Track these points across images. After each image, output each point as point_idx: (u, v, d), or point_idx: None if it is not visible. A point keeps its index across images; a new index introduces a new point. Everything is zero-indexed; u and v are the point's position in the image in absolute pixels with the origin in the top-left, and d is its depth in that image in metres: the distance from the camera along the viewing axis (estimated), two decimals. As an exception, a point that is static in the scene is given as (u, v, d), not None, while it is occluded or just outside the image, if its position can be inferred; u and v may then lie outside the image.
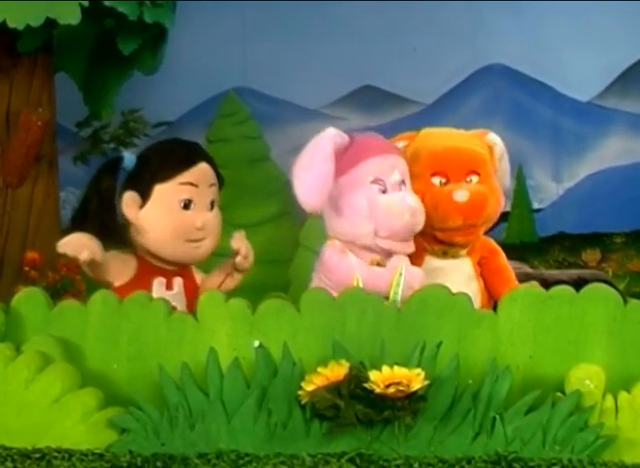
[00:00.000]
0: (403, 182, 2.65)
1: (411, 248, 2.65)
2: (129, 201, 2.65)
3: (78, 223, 2.66)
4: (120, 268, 2.66)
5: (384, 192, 2.61)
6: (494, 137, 2.87)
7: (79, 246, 2.55)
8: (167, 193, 2.66)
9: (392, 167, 2.64)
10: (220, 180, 2.77)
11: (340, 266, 2.61)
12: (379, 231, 2.59)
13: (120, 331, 2.50)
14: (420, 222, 2.63)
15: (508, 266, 2.89)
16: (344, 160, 2.61)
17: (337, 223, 2.64)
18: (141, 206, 2.65)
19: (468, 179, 2.77)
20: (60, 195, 3.63)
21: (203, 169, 2.70)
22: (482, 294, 2.82)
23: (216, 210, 2.74)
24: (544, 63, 4.30)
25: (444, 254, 2.80)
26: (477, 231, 2.80)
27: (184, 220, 2.66)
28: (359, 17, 4.33)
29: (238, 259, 2.72)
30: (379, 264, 2.63)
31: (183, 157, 2.70)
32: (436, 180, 2.76)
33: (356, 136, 2.67)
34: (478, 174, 2.77)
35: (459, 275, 2.77)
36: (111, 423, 2.40)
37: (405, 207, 2.60)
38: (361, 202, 2.60)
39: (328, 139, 2.59)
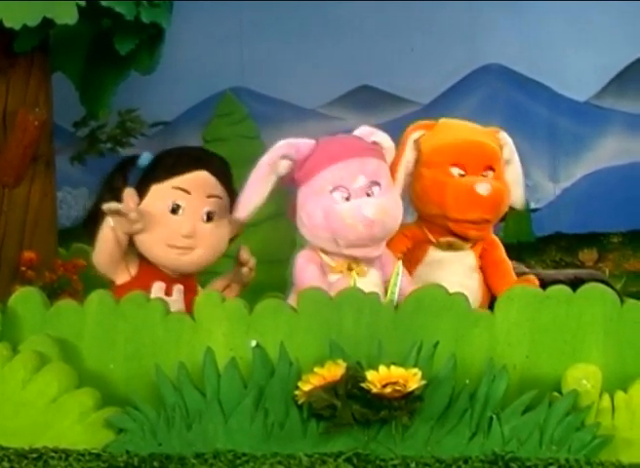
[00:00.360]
0: (375, 184, 2.57)
1: (376, 251, 2.57)
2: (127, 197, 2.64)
3: (91, 221, 2.67)
4: (123, 266, 2.67)
5: (348, 199, 2.55)
6: (505, 137, 2.86)
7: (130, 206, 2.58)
8: (159, 194, 2.66)
9: (355, 172, 2.56)
10: (232, 195, 2.72)
11: (304, 280, 2.57)
12: (337, 240, 2.55)
13: (117, 330, 2.50)
14: (383, 230, 2.55)
15: (506, 259, 2.88)
16: (305, 168, 2.59)
17: (302, 233, 2.62)
18: (138, 203, 2.64)
19: (485, 174, 2.76)
20: (56, 195, 3.61)
21: (200, 176, 2.68)
22: (484, 286, 2.82)
23: (216, 223, 2.69)
24: (542, 63, 4.30)
25: (449, 248, 2.80)
26: (489, 227, 2.81)
27: (169, 225, 2.64)
28: (357, 16, 4.32)
29: (245, 270, 2.79)
30: (350, 269, 2.58)
31: (183, 162, 2.68)
32: (455, 171, 2.75)
33: (322, 141, 2.63)
34: (494, 169, 2.78)
35: (461, 266, 2.78)
36: (108, 423, 2.40)
37: (359, 218, 2.51)
38: (317, 212, 2.56)
39: (270, 157, 2.64)
